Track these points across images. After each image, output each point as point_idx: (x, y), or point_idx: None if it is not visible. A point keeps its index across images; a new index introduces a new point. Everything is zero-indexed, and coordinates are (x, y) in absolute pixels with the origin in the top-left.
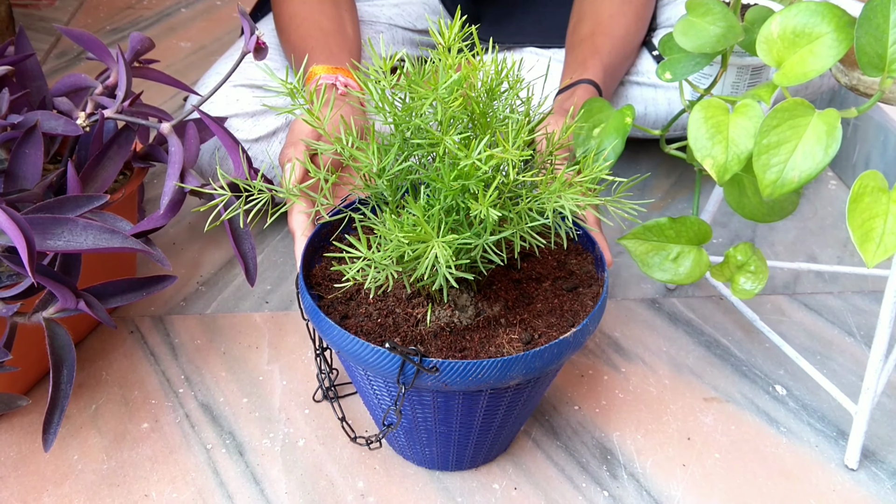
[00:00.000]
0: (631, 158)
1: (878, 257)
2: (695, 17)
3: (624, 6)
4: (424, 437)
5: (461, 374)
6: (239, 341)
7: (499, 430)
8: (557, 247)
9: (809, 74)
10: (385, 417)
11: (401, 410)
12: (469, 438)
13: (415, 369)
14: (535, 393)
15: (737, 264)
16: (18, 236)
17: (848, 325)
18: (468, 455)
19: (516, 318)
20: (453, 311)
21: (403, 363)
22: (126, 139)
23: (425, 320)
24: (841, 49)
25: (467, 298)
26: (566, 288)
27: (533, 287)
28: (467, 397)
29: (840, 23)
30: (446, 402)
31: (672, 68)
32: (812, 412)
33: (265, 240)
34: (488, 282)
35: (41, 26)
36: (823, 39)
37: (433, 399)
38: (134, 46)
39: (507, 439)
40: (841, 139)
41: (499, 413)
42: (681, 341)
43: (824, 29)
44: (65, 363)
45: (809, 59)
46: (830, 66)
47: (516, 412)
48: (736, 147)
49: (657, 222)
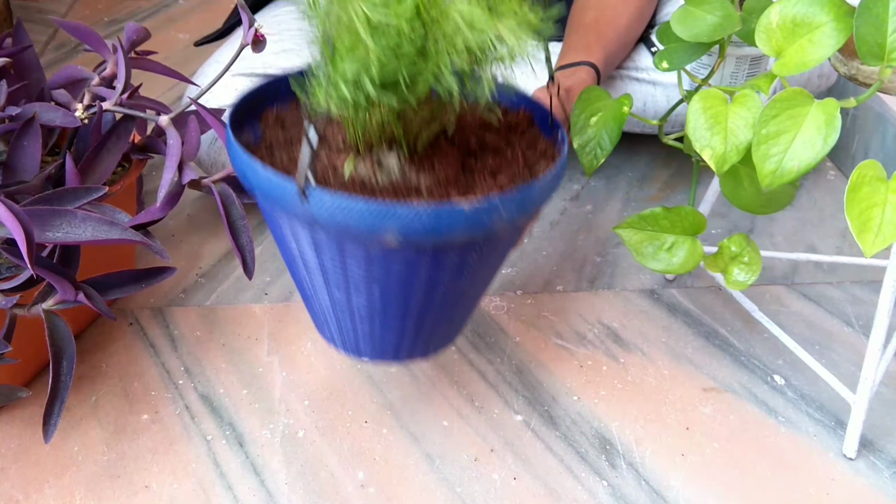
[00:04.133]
0: (629, 151)
1: (877, 246)
2: (692, 6)
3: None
4: (356, 308)
5: (330, 209)
6: (239, 333)
7: (425, 308)
8: (531, 149)
9: (809, 64)
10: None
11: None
12: (392, 309)
13: (295, 199)
14: (457, 276)
15: (731, 255)
16: (17, 228)
17: (847, 316)
18: (391, 339)
19: (444, 193)
20: (375, 168)
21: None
22: (124, 131)
23: (344, 171)
24: (840, 38)
25: (395, 162)
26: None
27: (483, 177)
28: (371, 254)
29: (839, 12)
30: (347, 257)
31: (669, 57)
32: (811, 402)
33: (264, 231)
34: (431, 155)
35: (39, 18)
36: (823, 28)
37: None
38: (130, 37)
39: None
40: (840, 129)
41: (412, 285)
42: (680, 331)
43: (824, 18)
44: (64, 355)
45: (809, 49)
46: (830, 55)
47: (435, 292)
48: (735, 137)
49: (652, 212)
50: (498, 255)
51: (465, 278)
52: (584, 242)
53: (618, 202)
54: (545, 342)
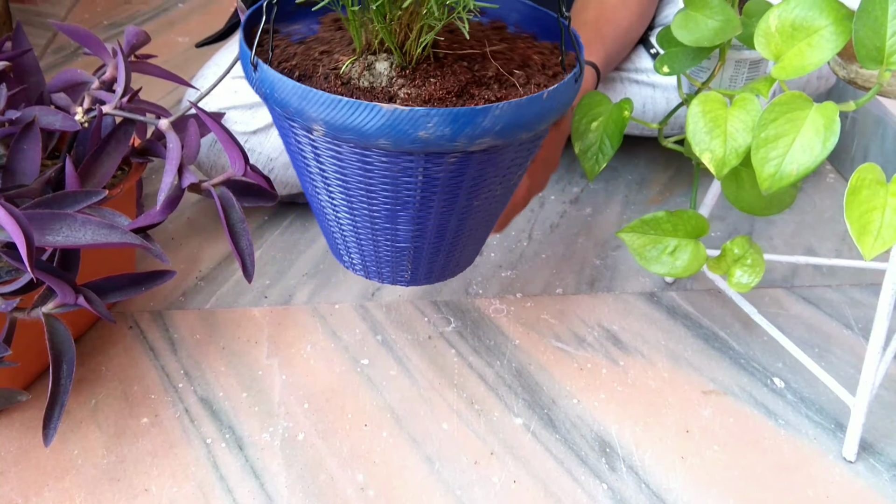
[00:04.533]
0: (628, 153)
1: (876, 250)
2: (693, 10)
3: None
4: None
5: (269, 84)
6: (238, 336)
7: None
8: (544, 74)
9: (808, 68)
10: None
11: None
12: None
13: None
14: (454, 187)
15: (734, 258)
16: (17, 232)
17: (846, 318)
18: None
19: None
20: (363, 71)
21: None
22: (124, 135)
23: (338, 70)
24: (839, 42)
25: (385, 68)
26: None
27: (483, 90)
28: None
29: (838, 16)
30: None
31: (670, 62)
32: (810, 405)
33: (263, 234)
34: (428, 72)
35: (38, 21)
36: (822, 32)
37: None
38: (130, 40)
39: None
40: (839, 132)
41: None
42: (679, 334)
43: (823, 22)
44: (64, 358)
45: (808, 52)
46: (829, 58)
47: (439, 202)
48: (734, 141)
49: (654, 216)
50: (501, 170)
51: (465, 190)
52: (584, 245)
53: (617, 205)
54: (545, 345)
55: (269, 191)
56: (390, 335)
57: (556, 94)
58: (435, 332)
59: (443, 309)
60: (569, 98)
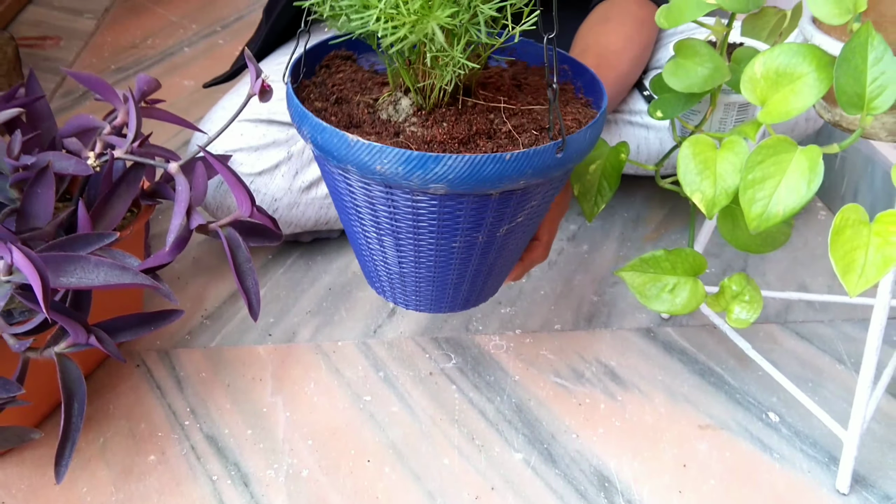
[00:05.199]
0: (624, 191)
1: (860, 287)
2: (683, 58)
3: (627, 44)
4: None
5: (320, 133)
6: (243, 373)
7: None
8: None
9: (792, 112)
10: None
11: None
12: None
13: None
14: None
15: (732, 294)
16: (34, 274)
17: (839, 353)
18: (450, 290)
19: (453, 147)
20: (390, 107)
21: None
22: (135, 178)
23: (373, 105)
24: (822, 88)
25: (407, 104)
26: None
27: (487, 142)
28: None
29: (820, 63)
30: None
31: (663, 107)
32: (804, 438)
33: (268, 272)
34: (456, 110)
35: (47, 66)
36: (805, 79)
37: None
38: (141, 87)
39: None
40: (823, 174)
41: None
42: (675, 370)
43: (805, 69)
44: (76, 397)
45: (792, 98)
46: (812, 104)
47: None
48: (723, 182)
49: (653, 255)
50: (533, 209)
51: (503, 227)
52: (582, 282)
53: (614, 242)
54: (544, 380)
55: (275, 231)
56: (392, 372)
57: (522, 158)
58: (436, 369)
59: (443, 345)
60: (542, 164)
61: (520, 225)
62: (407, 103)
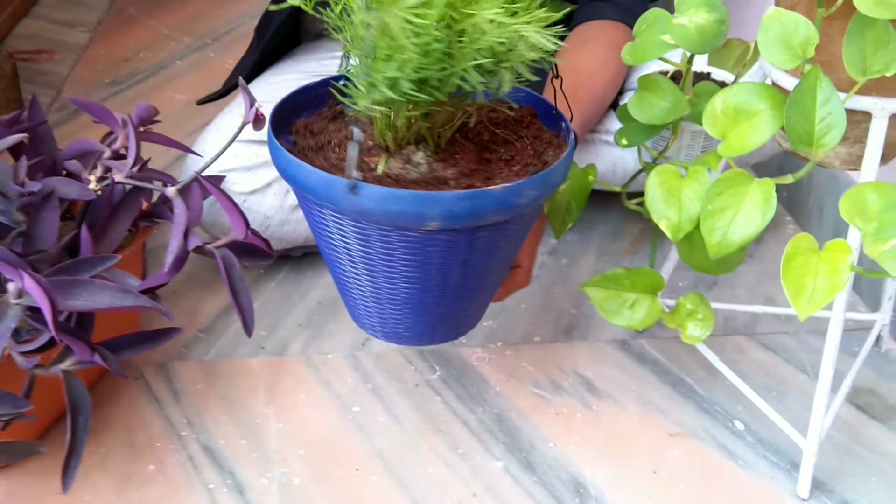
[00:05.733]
0: (602, 206)
1: (809, 311)
2: (646, 92)
3: (604, 68)
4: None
5: (380, 200)
6: (237, 385)
7: (451, 290)
8: (538, 139)
9: (749, 147)
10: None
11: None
12: (417, 295)
13: (345, 194)
14: (484, 257)
15: (687, 312)
16: (43, 299)
17: (802, 364)
18: (429, 321)
19: (468, 183)
20: (405, 164)
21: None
22: (134, 201)
23: (377, 169)
24: (776, 125)
25: (422, 157)
26: (531, 172)
27: (500, 167)
28: (413, 239)
29: (775, 101)
30: (390, 242)
31: (628, 136)
32: (768, 446)
33: (260, 287)
34: (452, 150)
35: (43, 80)
36: (761, 116)
37: (379, 239)
38: (140, 114)
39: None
40: (776, 205)
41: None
42: (648, 380)
43: (761, 106)
44: (81, 411)
45: (749, 134)
46: (767, 139)
47: (456, 276)
48: (688, 209)
49: (615, 272)
50: (519, 235)
51: (494, 256)
52: (561, 295)
53: (591, 256)
54: (524, 391)
55: (268, 252)
56: (379, 383)
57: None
58: (421, 380)
59: (429, 357)
60: (490, 207)
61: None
62: (422, 156)
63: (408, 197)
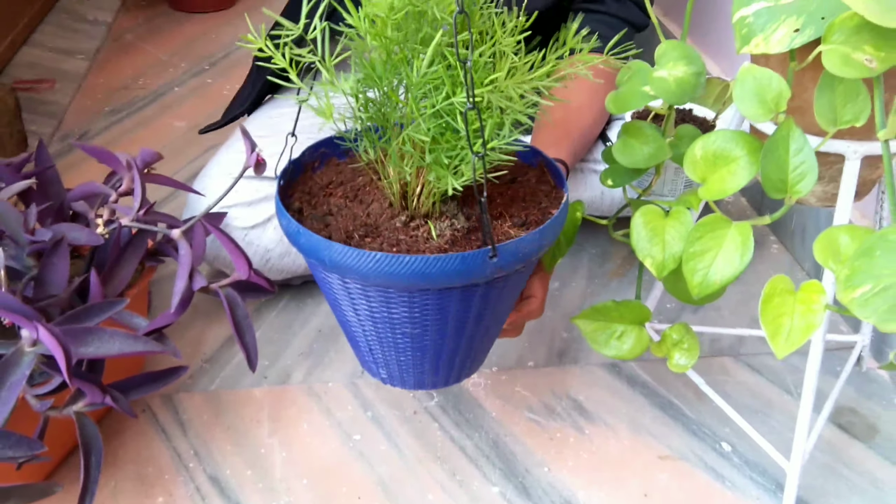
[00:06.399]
0: (591, 228)
1: (786, 350)
2: (629, 137)
3: (591, 101)
4: (401, 347)
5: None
6: (242, 415)
7: (462, 341)
8: (535, 189)
9: (728, 191)
10: None
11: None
12: (424, 343)
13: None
14: (488, 305)
15: (673, 342)
16: (57, 349)
17: (786, 384)
18: (440, 366)
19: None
20: (450, 219)
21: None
22: (140, 242)
23: (431, 237)
24: (753, 170)
25: (454, 206)
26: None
27: (502, 223)
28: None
29: (752, 148)
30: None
31: (613, 177)
32: (753, 467)
33: (261, 316)
34: (463, 196)
35: (44, 110)
36: (739, 162)
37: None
38: (145, 159)
39: (472, 354)
40: (753, 247)
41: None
42: (639, 403)
43: (739, 153)
44: (93, 451)
45: (728, 178)
46: (745, 184)
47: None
48: (671, 248)
49: (604, 305)
50: (515, 289)
51: (490, 310)
52: (553, 319)
53: (582, 279)
54: (518, 416)
55: (269, 289)
56: (379, 411)
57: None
58: (420, 407)
59: None
60: (468, 268)
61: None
62: (454, 205)
63: (413, 260)
